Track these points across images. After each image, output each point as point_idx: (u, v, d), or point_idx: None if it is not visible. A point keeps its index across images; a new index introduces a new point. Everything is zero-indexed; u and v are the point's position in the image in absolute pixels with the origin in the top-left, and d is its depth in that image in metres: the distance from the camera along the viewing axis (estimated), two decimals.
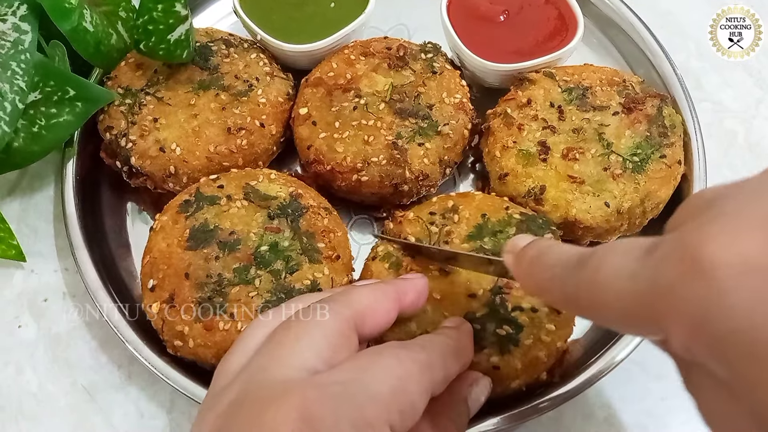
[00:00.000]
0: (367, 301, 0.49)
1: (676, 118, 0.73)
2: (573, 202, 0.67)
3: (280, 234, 0.64)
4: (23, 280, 0.74)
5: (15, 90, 0.66)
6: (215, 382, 0.47)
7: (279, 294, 0.61)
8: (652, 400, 0.67)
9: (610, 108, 0.71)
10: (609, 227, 0.68)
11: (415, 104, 0.72)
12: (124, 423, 0.67)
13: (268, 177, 0.69)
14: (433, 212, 0.66)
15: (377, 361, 0.44)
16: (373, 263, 0.64)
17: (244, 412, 0.41)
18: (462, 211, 0.65)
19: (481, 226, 0.64)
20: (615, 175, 0.68)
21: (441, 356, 0.48)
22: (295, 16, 0.79)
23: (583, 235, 0.70)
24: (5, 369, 0.69)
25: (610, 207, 0.67)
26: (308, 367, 0.43)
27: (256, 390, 0.42)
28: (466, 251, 0.61)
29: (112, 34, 0.74)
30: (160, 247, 0.64)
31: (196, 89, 0.73)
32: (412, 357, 0.45)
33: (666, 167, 0.69)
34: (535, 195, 0.68)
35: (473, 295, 0.60)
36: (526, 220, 0.65)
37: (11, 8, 0.69)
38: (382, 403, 0.41)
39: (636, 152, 0.69)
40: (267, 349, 0.45)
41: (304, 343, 0.44)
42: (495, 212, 0.65)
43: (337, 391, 0.41)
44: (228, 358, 0.48)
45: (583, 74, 0.74)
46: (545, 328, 0.59)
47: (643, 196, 0.68)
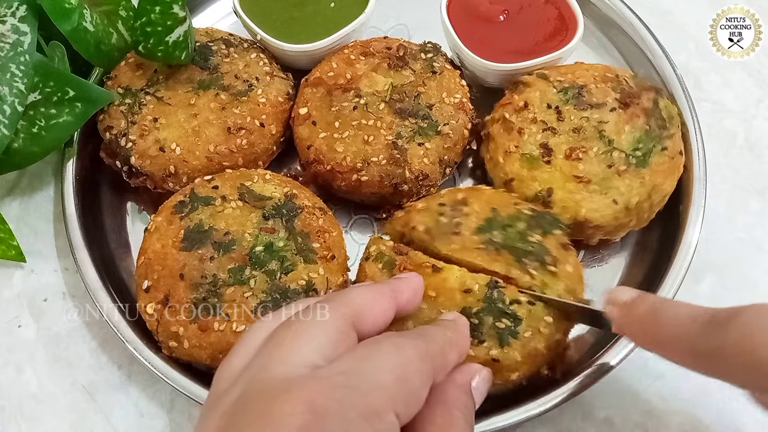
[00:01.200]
0: (364, 300, 0.49)
1: (673, 108, 0.73)
2: (581, 202, 0.67)
3: (275, 234, 0.64)
4: (23, 280, 0.74)
5: (14, 93, 0.66)
6: (217, 384, 0.47)
7: (274, 294, 0.61)
8: (652, 400, 0.67)
9: (607, 104, 0.71)
10: (618, 224, 0.69)
11: (415, 104, 0.72)
12: (124, 423, 0.67)
13: (262, 177, 0.69)
14: (443, 203, 0.66)
15: (376, 350, 0.44)
16: (367, 263, 0.64)
17: (249, 409, 0.41)
18: (472, 204, 0.65)
19: (490, 219, 0.64)
20: (620, 171, 0.68)
21: (439, 344, 0.49)
22: (295, 16, 0.79)
23: (593, 234, 0.70)
24: (5, 369, 0.69)
25: (618, 204, 0.68)
26: (309, 364, 0.43)
27: (259, 388, 0.42)
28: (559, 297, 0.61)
29: (112, 33, 0.74)
30: (155, 248, 0.64)
31: (196, 89, 0.73)
32: (411, 344, 0.45)
33: (669, 159, 0.70)
34: (543, 198, 0.68)
35: (468, 290, 0.60)
36: (536, 216, 0.65)
37: (10, 9, 0.69)
38: (386, 391, 0.42)
39: (638, 147, 0.69)
40: (267, 349, 0.45)
41: (304, 341, 0.44)
42: (505, 207, 0.65)
43: (340, 381, 0.41)
44: (229, 359, 0.48)
45: (576, 73, 0.74)
46: (544, 320, 0.59)
47: (650, 190, 0.68)
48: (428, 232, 0.64)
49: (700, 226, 0.70)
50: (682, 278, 0.67)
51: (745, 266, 0.74)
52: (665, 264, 0.69)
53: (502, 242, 0.62)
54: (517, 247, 0.62)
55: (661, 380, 0.68)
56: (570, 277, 0.62)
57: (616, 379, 0.65)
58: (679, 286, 0.67)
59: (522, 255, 0.61)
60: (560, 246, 0.63)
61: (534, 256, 0.61)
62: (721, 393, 0.67)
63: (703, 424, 0.66)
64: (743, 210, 0.78)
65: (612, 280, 0.73)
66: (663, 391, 0.67)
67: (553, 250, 0.62)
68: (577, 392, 0.62)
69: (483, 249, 0.62)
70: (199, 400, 0.62)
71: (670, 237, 0.71)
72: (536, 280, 0.61)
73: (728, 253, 0.75)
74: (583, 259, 0.74)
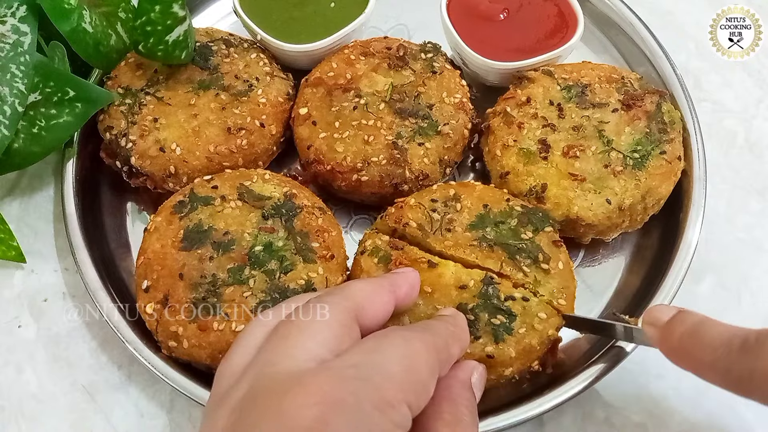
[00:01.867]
0: (365, 293, 0.49)
1: (675, 114, 0.73)
2: (574, 199, 0.68)
3: (275, 234, 0.64)
4: (23, 280, 0.74)
5: (14, 93, 0.66)
6: (219, 382, 0.47)
7: (273, 294, 0.61)
8: (652, 400, 0.67)
9: (610, 105, 0.72)
10: (611, 224, 0.69)
11: (415, 104, 0.72)
12: (124, 423, 0.67)
13: (262, 177, 0.69)
14: (435, 199, 0.66)
15: (384, 342, 0.45)
16: (363, 258, 0.65)
17: (259, 403, 0.41)
18: (464, 200, 0.66)
19: (482, 216, 0.65)
20: (616, 171, 0.68)
21: (444, 337, 0.49)
22: (295, 16, 0.79)
23: (585, 233, 0.70)
24: (5, 369, 0.69)
25: (611, 204, 0.68)
26: (316, 357, 0.43)
27: (268, 383, 0.42)
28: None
29: (111, 34, 0.74)
30: (155, 248, 0.64)
31: (196, 89, 0.73)
32: (417, 337, 0.46)
33: (666, 163, 0.69)
34: (537, 193, 0.68)
35: (464, 286, 0.60)
36: (527, 212, 0.65)
37: (10, 9, 0.69)
38: (397, 383, 0.42)
39: (636, 149, 0.69)
40: (272, 344, 0.45)
41: (308, 335, 0.44)
42: (496, 203, 0.66)
43: (352, 373, 0.41)
44: (229, 357, 0.48)
45: (581, 72, 0.74)
46: (537, 317, 0.60)
47: (644, 193, 0.68)
48: (421, 228, 0.64)
49: (700, 227, 0.70)
50: (682, 278, 0.67)
51: (745, 266, 0.74)
52: (665, 264, 0.69)
53: (494, 239, 0.63)
54: (510, 244, 0.62)
55: (661, 380, 0.68)
56: (561, 275, 0.63)
57: (616, 379, 0.65)
58: (679, 286, 0.67)
59: (515, 252, 0.62)
60: (551, 243, 0.64)
61: (526, 254, 0.62)
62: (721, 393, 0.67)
63: (703, 424, 0.66)
64: (743, 210, 0.78)
65: (612, 279, 0.73)
66: (663, 391, 0.67)
67: (544, 247, 0.63)
68: (577, 392, 0.62)
69: (476, 246, 0.63)
70: (199, 400, 0.62)
71: (670, 237, 0.71)
72: (529, 277, 0.61)
73: (728, 253, 0.75)
74: (583, 259, 0.74)
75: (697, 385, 0.67)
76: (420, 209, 0.66)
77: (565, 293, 0.62)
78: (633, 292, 0.72)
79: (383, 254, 0.63)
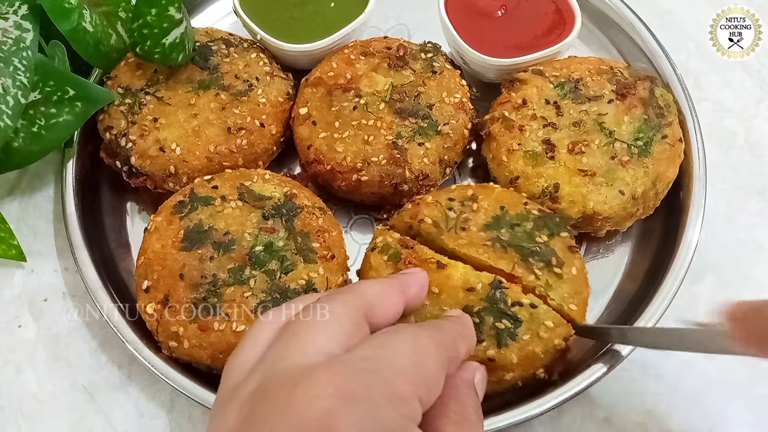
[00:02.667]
0: (375, 292, 0.49)
1: (668, 96, 0.74)
2: (588, 195, 0.68)
3: (275, 234, 0.64)
4: (23, 280, 0.74)
5: (17, 85, 0.66)
6: (227, 379, 0.47)
7: (274, 294, 0.61)
8: (652, 400, 0.67)
9: (604, 96, 0.72)
10: (626, 214, 0.69)
11: (415, 104, 0.72)
12: (124, 423, 0.67)
13: (262, 177, 0.69)
14: (452, 198, 0.66)
15: (394, 338, 0.45)
16: (372, 254, 0.65)
17: (270, 397, 0.41)
18: (481, 201, 0.66)
19: (498, 217, 0.64)
20: (623, 162, 0.68)
21: (452, 336, 0.49)
22: (295, 16, 0.79)
23: (602, 226, 0.70)
24: (5, 369, 0.69)
25: (625, 194, 0.68)
26: (326, 352, 0.43)
27: (279, 377, 0.42)
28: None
29: (111, 34, 0.74)
30: (155, 248, 0.64)
31: (196, 89, 0.73)
32: (427, 334, 0.46)
33: (669, 146, 0.70)
34: (550, 194, 0.68)
35: (471, 288, 0.60)
36: (544, 217, 0.65)
37: (12, 7, 0.69)
38: (408, 377, 0.42)
39: (638, 136, 0.70)
40: (282, 341, 0.45)
41: (319, 331, 0.44)
42: (514, 206, 0.66)
43: (363, 366, 0.41)
44: (236, 355, 0.48)
45: (570, 67, 0.74)
46: (544, 325, 0.59)
47: (654, 179, 0.69)
48: (436, 225, 0.64)
49: (700, 226, 0.70)
50: (682, 278, 0.67)
51: (745, 266, 0.74)
52: (665, 264, 0.69)
53: (508, 240, 0.63)
54: (524, 247, 0.62)
55: (661, 380, 0.68)
56: (574, 280, 0.62)
57: (616, 379, 0.65)
58: (679, 286, 0.67)
59: (528, 254, 0.62)
60: (566, 248, 0.64)
61: (540, 257, 0.62)
62: (721, 393, 0.67)
63: (703, 424, 0.66)
64: (743, 210, 0.78)
65: (612, 280, 0.73)
66: (663, 391, 0.68)
67: (559, 252, 0.63)
68: (577, 392, 0.62)
69: (489, 246, 0.62)
70: (199, 400, 0.62)
71: (670, 237, 0.71)
72: (540, 280, 0.61)
73: (728, 253, 0.75)
74: (583, 258, 0.74)
75: (697, 385, 0.68)
76: (437, 207, 0.65)
77: (576, 299, 0.62)
78: (633, 293, 0.72)
79: (393, 252, 0.63)
